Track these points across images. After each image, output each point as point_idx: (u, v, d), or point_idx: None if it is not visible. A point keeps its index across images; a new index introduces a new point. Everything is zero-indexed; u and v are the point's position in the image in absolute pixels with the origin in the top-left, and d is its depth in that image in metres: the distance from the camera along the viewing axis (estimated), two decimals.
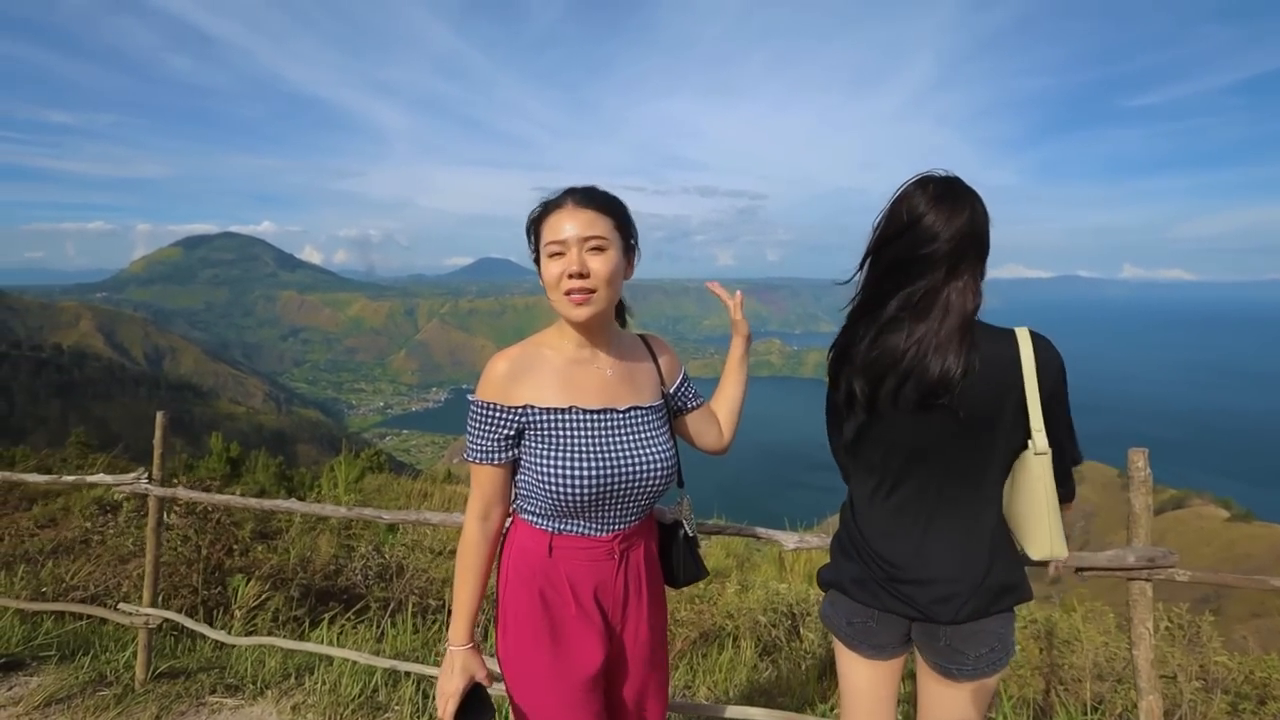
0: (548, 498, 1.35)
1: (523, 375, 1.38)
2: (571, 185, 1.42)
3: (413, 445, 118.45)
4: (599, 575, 1.40)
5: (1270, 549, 30.00)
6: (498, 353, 1.41)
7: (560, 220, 1.36)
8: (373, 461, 12.05)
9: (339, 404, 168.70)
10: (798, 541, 1.91)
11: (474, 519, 1.41)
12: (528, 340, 1.45)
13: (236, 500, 2.67)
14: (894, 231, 1.36)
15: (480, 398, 1.38)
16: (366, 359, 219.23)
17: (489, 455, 1.38)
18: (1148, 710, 1.65)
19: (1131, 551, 1.66)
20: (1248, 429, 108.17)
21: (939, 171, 1.39)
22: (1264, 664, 3.18)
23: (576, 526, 1.39)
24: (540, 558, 1.38)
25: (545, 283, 1.38)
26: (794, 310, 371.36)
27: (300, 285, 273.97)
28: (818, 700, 2.84)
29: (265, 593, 3.72)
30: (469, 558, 1.40)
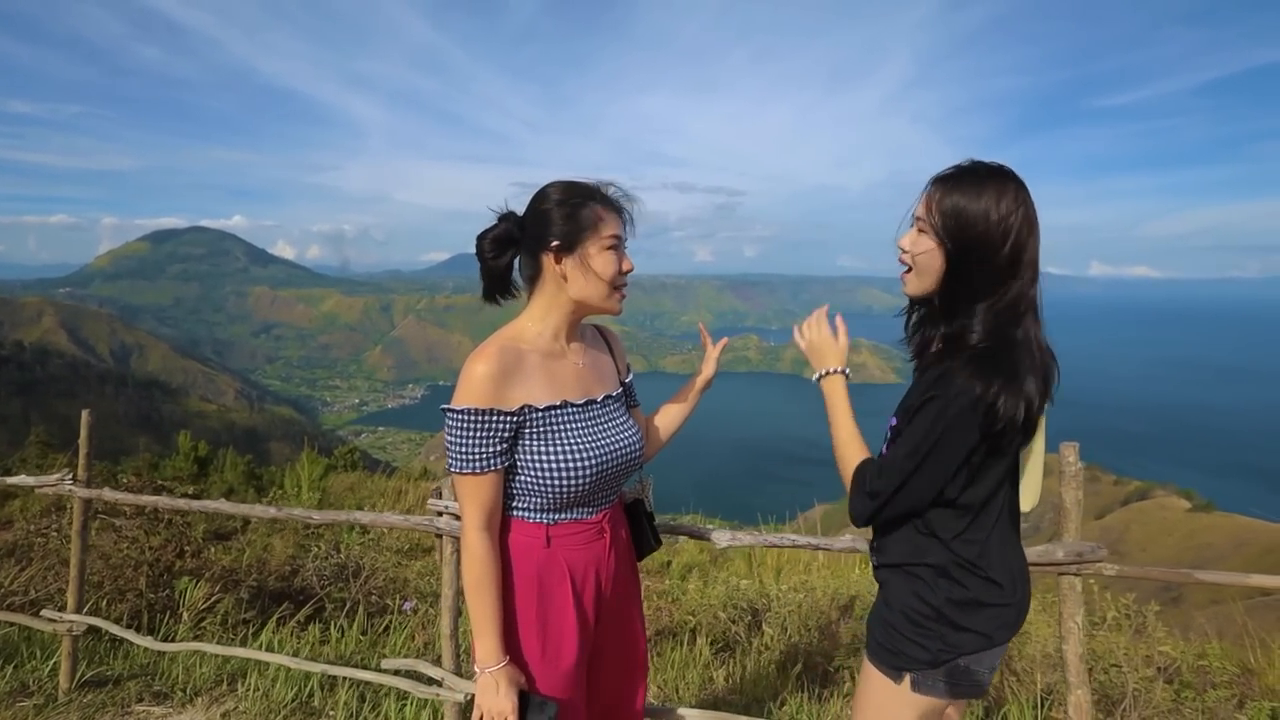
0: (549, 492, 1.38)
1: (512, 376, 1.36)
2: (599, 181, 1.45)
3: (389, 442, 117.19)
4: (594, 554, 1.46)
5: (1229, 538, 30.88)
6: (475, 355, 1.37)
7: (616, 217, 1.42)
8: (345, 459, 11.88)
9: (313, 401, 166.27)
10: (730, 539, 1.89)
11: (477, 531, 1.36)
12: (499, 337, 1.43)
13: (164, 501, 2.59)
14: (1030, 229, 1.26)
15: (471, 404, 1.33)
16: (341, 355, 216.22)
17: (487, 463, 1.34)
18: (1076, 704, 1.66)
19: (1061, 546, 1.67)
20: (1210, 422, 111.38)
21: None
22: (1207, 650, 3.24)
23: (572, 514, 1.44)
24: (538, 550, 1.41)
25: (601, 273, 1.39)
26: (771, 306, 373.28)
27: (273, 281, 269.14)
28: (768, 698, 2.84)
29: (215, 595, 3.63)
30: (483, 573, 1.35)
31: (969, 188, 1.26)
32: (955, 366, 1.23)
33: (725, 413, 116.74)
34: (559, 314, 1.45)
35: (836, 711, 2.81)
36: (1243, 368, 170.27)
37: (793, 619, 3.62)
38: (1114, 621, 3.32)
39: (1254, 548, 29.31)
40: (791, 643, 3.42)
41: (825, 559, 4.74)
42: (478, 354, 1.36)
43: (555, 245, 1.38)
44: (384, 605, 3.75)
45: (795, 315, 22.12)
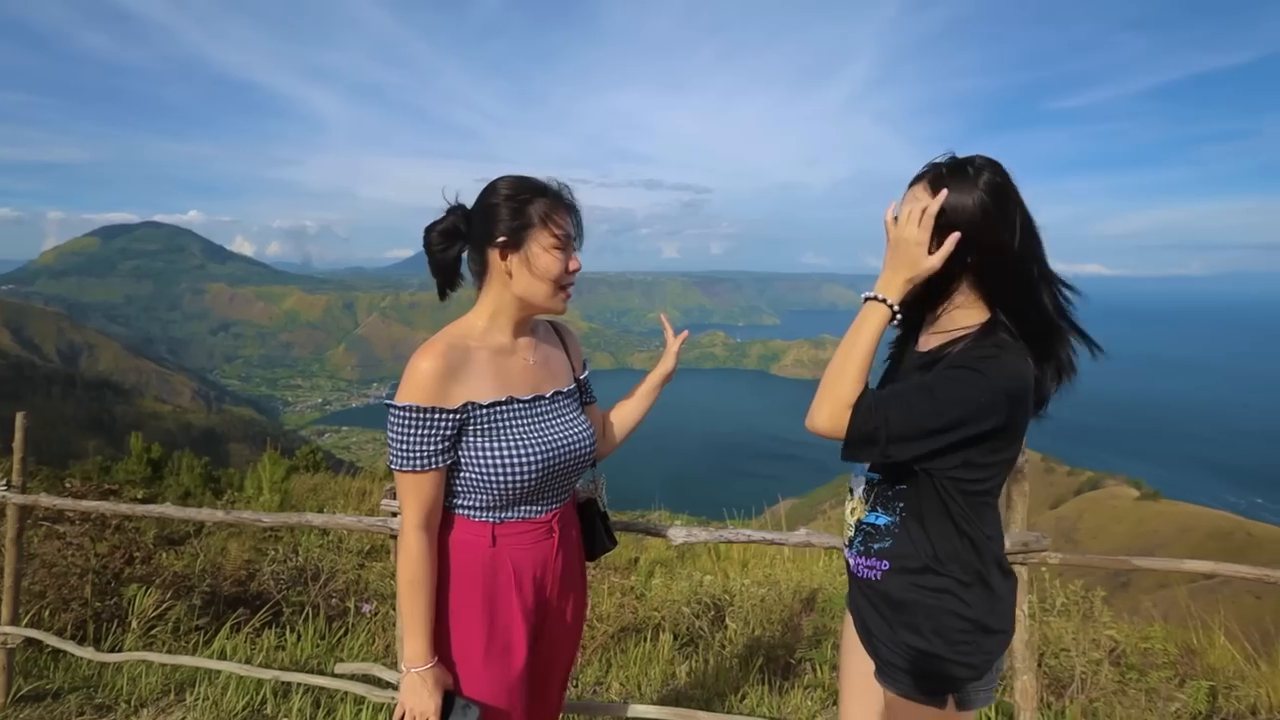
0: (493, 490, 1.37)
1: (457, 373, 1.34)
2: (543, 178, 1.42)
3: (353, 442, 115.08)
4: (541, 554, 1.44)
5: (1174, 525, 32.16)
6: (420, 351, 1.34)
7: (566, 214, 1.40)
8: (308, 460, 11.61)
9: (274, 401, 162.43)
10: (685, 536, 1.89)
11: (416, 530, 1.34)
12: (447, 334, 1.40)
13: (107, 506, 2.50)
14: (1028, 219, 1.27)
15: (413, 401, 1.31)
16: (303, 354, 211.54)
17: (429, 461, 1.33)
18: (1022, 689, 1.71)
19: (1008, 537, 1.71)
20: (1158, 415, 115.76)
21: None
22: (1149, 632, 3.37)
23: (519, 512, 1.42)
24: (483, 550, 1.39)
25: (545, 271, 1.37)
26: (738, 303, 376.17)
27: (231, 278, 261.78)
28: (729, 692, 2.87)
29: (167, 602, 3.52)
30: (418, 572, 1.33)
31: (957, 179, 1.26)
32: (999, 347, 1.23)
33: (692, 409, 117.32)
34: (506, 310, 1.43)
35: (797, 703, 2.85)
36: (1189, 362, 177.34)
37: (755, 613, 3.66)
38: (1063, 607, 3.42)
39: (1197, 533, 30.59)
40: (754, 636, 3.46)
41: (790, 553, 4.79)
42: (422, 350, 1.34)
43: (501, 241, 1.36)
44: (344, 608, 3.68)
45: (761, 312, 22.34)
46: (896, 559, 1.35)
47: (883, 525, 1.38)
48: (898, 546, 1.35)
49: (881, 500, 1.38)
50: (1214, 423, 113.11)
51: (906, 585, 1.33)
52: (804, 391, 20.68)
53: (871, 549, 1.40)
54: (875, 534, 1.39)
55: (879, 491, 1.39)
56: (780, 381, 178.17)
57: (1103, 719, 2.83)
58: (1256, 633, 4.00)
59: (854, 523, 1.45)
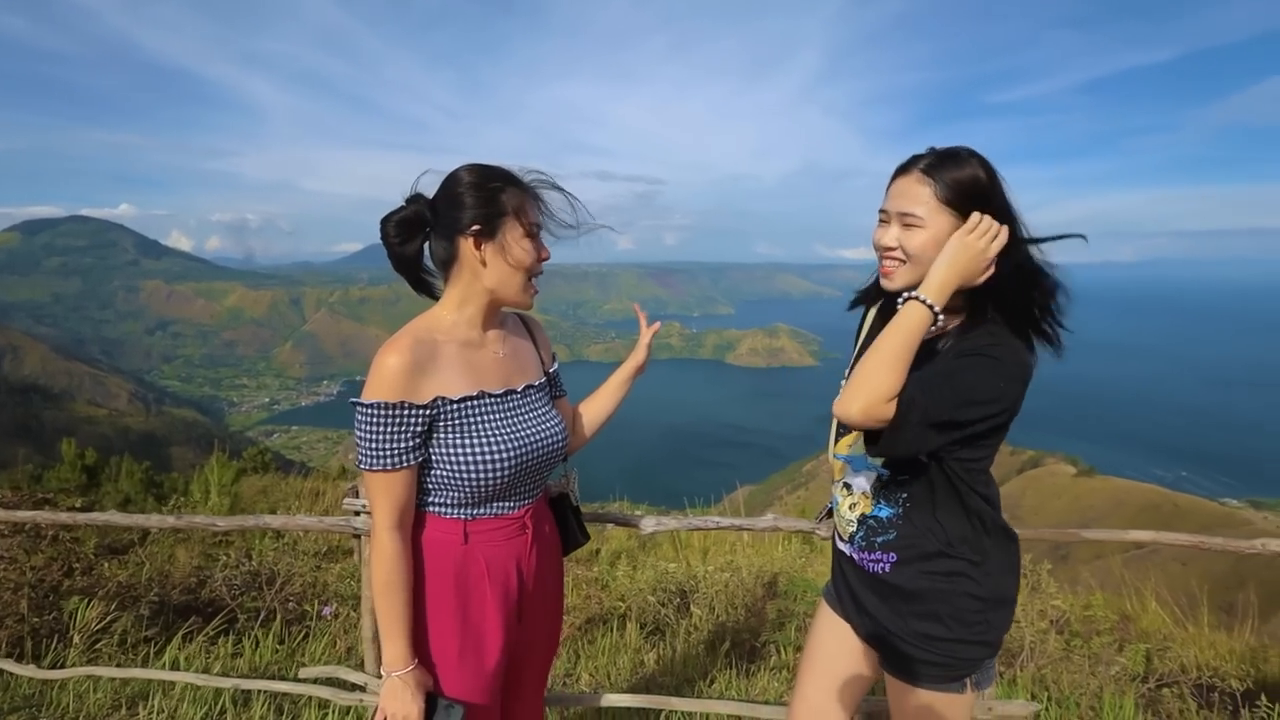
0: (465, 486, 1.34)
1: (425, 367, 1.30)
2: (522, 168, 1.39)
3: (303, 442, 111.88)
4: (515, 551, 1.42)
5: (1108, 499, 33.87)
6: (386, 346, 1.30)
7: (535, 204, 1.37)
8: (256, 461, 11.23)
9: (218, 402, 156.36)
10: (655, 525, 1.91)
11: (389, 531, 1.30)
12: (413, 328, 1.36)
13: (43, 516, 2.38)
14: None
15: (381, 398, 1.26)
16: (248, 352, 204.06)
17: (400, 459, 1.29)
18: None
19: None
20: (1092, 394, 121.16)
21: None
22: (1091, 601, 3.55)
23: (492, 509, 1.39)
24: (455, 548, 1.37)
25: (518, 261, 1.34)
26: (692, 293, 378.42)
27: (168, 274, 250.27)
28: (698, 677, 2.91)
29: (111, 614, 3.38)
30: (393, 574, 1.30)
31: (951, 162, 1.26)
32: (993, 335, 1.26)
33: (649, 400, 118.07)
34: (476, 302, 1.39)
35: (764, 685, 2.91)
36: (1118, 344, 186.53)
37: (720, 599, 3.72)
38: None
39: (1130, 506, 32.30)
40: (719, 622, 3.51)
41: (750, 539, 4.87)
42: (388, 345, 1.30)
43: (476, 229, 1.32)
44: (303, 612, 3.59)
45: (716, 302, 22.56)
46: (904, 549, 1.35)
47: (885, 518, 1.38)
48: (903, 538, 1.35)
49: (887, 492, 1.38)
50: (1142, 401, 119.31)
51: (917, 574, 1.34)
52: (758, 380, 21.13)
53: (875, 543, 1.39)
54: (879, 527, 1.38)
55: (885, 483, 1.38)
56: (736, 370, 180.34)
57: (1051, 685, 2.97)
58: (1184, 597, 4.27)
59: (855, 518, 1.43)
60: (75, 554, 3.99)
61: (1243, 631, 4.09)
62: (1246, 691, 3.02)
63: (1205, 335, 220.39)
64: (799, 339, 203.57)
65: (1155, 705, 2.92)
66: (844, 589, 1.51)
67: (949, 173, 1.25)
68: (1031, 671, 3.06)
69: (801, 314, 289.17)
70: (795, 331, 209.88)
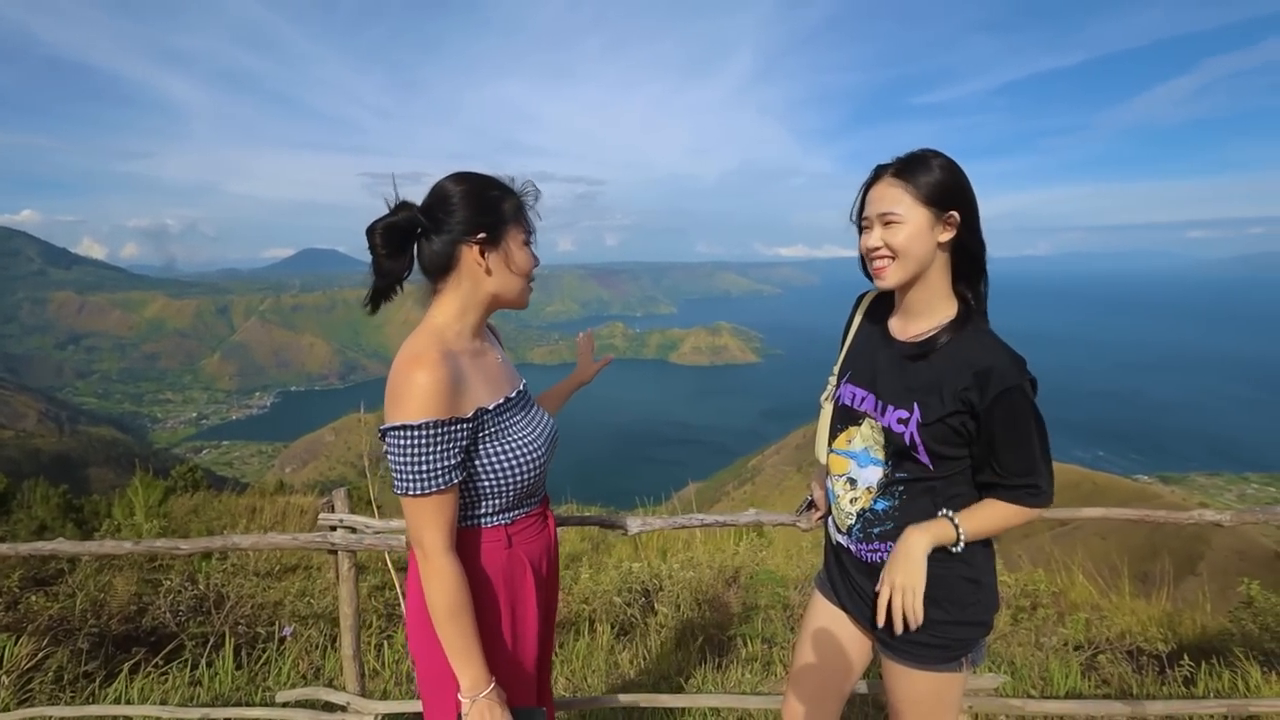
0: (509, 491, 1.36)
1: (459, 380, 1.28)
2: (505, 176, 1.41)
3: (235, 457, 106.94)
4: (545, 540, 1.48)
5: None
6: (411, 362, 1.23)
7: (528, 213, 1.41)
8: (186, 479, 10.64)
9: (140, 418, 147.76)
10: (640, 525, 1.93)
11: (446, 554, 1.26)
12: (431, 340, 1.31)
13: None
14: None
15: (430, 416, 1.22)
16: (172, 365, 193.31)
17: (449, 476, 1.26)
18: None
19: None
20: None
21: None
22: (1033, 578, 3.76)
23: (525, 508, 1.43)
24: (501, 554, 1.38)
25: (520, 268, 1.38)
26: (635, 293, 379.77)
27: (79, 285, 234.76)
28: (673, 674, 2.95)
29: (44, 649, 3.17)
30: (458, 598, 1.26)
31: (918, 164, 1.34)
32: (995, 345, 1.35)
33: (595, 400, 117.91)
34: (476, 310, 1.39)
35: (738, 678, 2.97)
36: (1040, 332, 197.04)
37: (685, 596, 3.76)
38: None
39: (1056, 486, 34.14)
40: (686, 618, 3.56)
41: (704, 535, 4.94)
42: (416, 361, 1.23)
43: (481, 237, 1.32)
44: (255, 635, 3.45)
45: (658, 302, 22.69)
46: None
47: (882, 510, 1.44)
48: (900, 528, 1.41)
49: (885, 487, 1.44)
50: (1059, 385, 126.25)
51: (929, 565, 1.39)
52: (702, 378, 21.35)
53: (872, 534, 1.45)
54: (875, 519, 1.45)
55: (889, 479, 1.43)
56: (680, 369, 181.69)
57: (1000, 658, 3.13)
58: (1106, 569, 4.57)
59: (855, 512, 1.48)
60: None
61: (1159, 598, 4.41)
62: (1171, 653, 3.26)
63: (1115, 323, 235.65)
64: (741, 336, 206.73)
65: (1093, 671, 3.12)
66: (840, 579, 1.57)
67: (920, 175, 1.34)
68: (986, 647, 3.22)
69: (743, 311, 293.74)
70: (737, 329, 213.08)
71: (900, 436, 1.38)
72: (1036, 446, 1.35)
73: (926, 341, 1.40)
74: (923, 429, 1.35)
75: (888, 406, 1.42)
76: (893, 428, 1.39)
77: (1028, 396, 1.33)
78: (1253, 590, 3.49)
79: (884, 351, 1.48)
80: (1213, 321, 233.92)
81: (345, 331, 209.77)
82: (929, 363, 1.38)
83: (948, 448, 1.36)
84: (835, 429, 1.55)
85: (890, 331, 1.49)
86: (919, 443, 1.36)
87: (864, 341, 1.55)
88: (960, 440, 1.36)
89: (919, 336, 1.42)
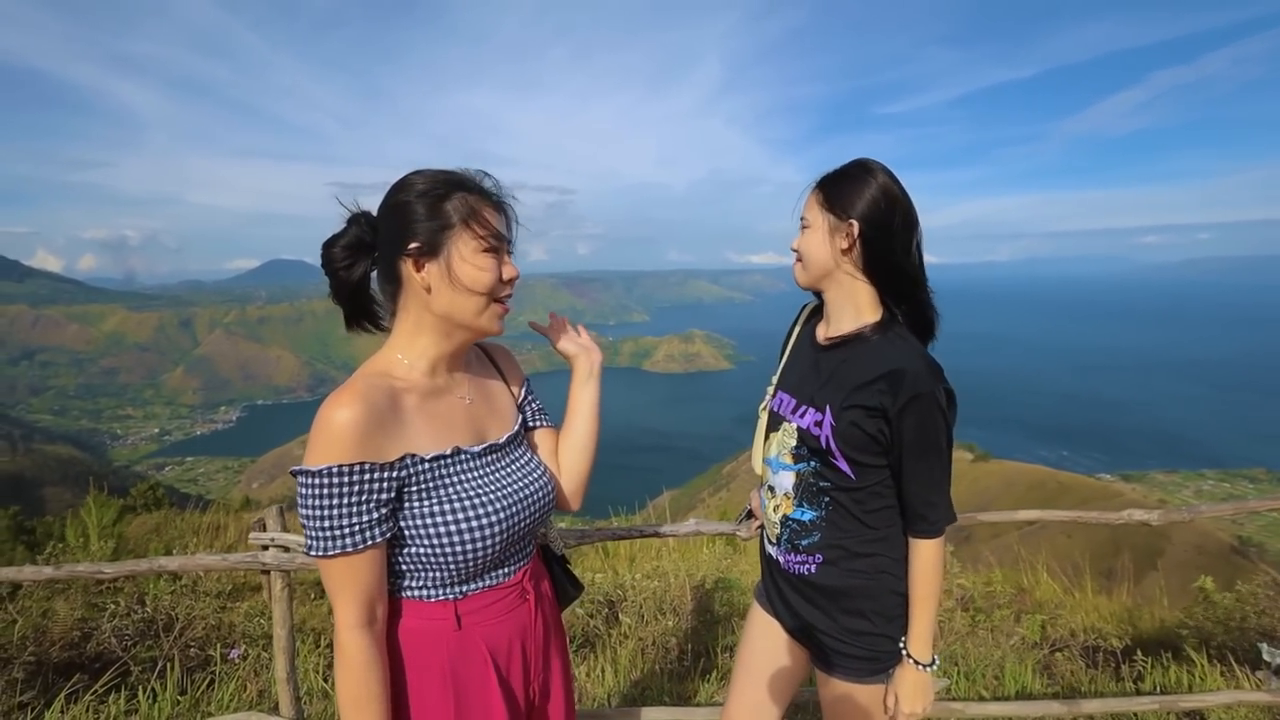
0: (451, 563, 1.10)
1: (387, 420, 1.06)
2: (474, 170, 1.16)
3: (200, 474, 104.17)
4: (518, 624, 1.20)
5: (1000, 480, 36.49)
6: (330, 400, 1.04)
7: (495, 212, 1.13)
8: (147, 498, 10.31)
9: (99, 435, 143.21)
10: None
11: (356, 630, 1.04)
12: (363, 374, 1.12)
13: None
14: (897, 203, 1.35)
15: (334, 460, 1.01)
16: (132, 380, 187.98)
17: (367, 535, 1.04)
18: None
19: None
20: (980, 384, 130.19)
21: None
22: (992, 579, 3.81)
23: (484, 581, 1.16)
24: (446, 636, 1.13)
25: (473, 282, 1.10)
26: (607, 302, 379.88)
27: (33, 298, 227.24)
28: (628, 686, 2.92)
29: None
30: (365, 686, 1.04)
31: (836, 172, 1.38)
32: (911, 350, 1.32)
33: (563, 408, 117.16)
34: (429, 337, 1.16)
35: (694, 687, 2.95)
36: (1002, 336, 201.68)
37: (649, 606, 3.74)
38: None
39: (1020, 486, 34.90)
40: (649, 629, 3.53)
41: (675, 543, 4.93)
42: (333, 397, 1.05)
43: (415, 247, 1.09)
44: (207, 658, 3.34)
45: (631, 310, 22.80)
46: (829, 550, 1.39)
47: (809, 520, 1.41)
48: (828, 539, 1.39)
49: (809, 495, 1.41)
50: (1022, 388, 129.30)
51: (844, 573, 1.38)
52: (676, 385, 21.47)
53: (799, 545, 1.43)
54: (801, 530, 1.42)
55: (807, 485, 1.41)
56: (653, 377, 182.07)
57: (959, 660, 3.17)
58: (1070, 566, 4.67)
59: (779, 519, 1.47)
60: None
61: (1120, 593, 4.51)
62: (1125, 648, 3.33)
63: (1073, 326, 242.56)
64: (714, 343, 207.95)
65: (1050, 669, 3.17)
66: (772, 589, 1.56)
67: (832, 184, 1.38)
68: (941, 648, 3.25)
69: (715, 319, 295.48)
70: (710, 336, 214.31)
71: (816, 439, 1.37)
72: (935, 467, 1.31)
73: (840, 341, 1.41)
74: (835, 431, 1.34)
75: (803, 407, 1.41)
76: (810, 430, 1.38)
77: (940, 407, 1.29)
78: (1207, 585, 3.60)
79: (809, 355, 1.49)
80: (1164, 324, 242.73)
81: (313, 343, 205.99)
82: (844, 364, 1.38)
83: (865, 455, 1.33)
84: (768, 437, 1.55)
85: (815, 336, 1.50)
86: (834, 448, 1.35)
87: (797, 348, 1.56)
88: (878, 447, 1.33)
89: (835, 338, 1.43)
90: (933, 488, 1.32)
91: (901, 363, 1.30)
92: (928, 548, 1.33)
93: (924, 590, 1.34)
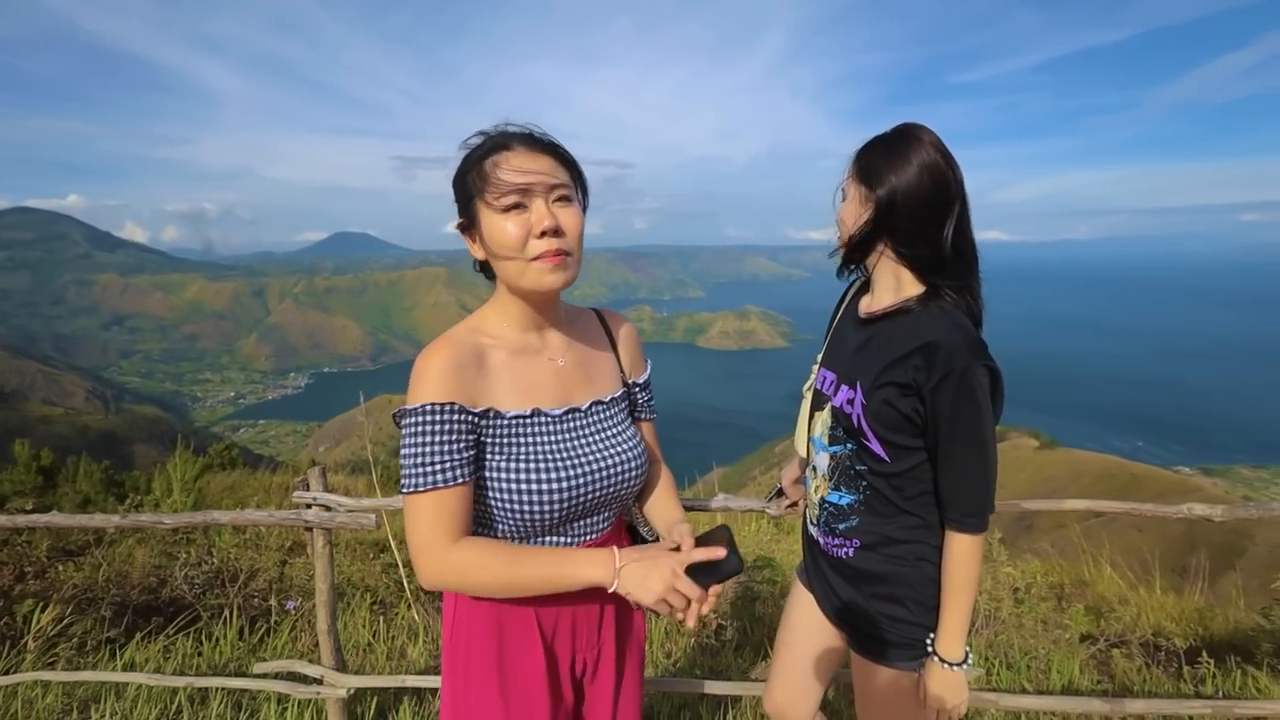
0: (512, 519, 1.13)
1: (473, 372, 1.10)
2: (497, 126, 1.13)
3: (271, 436, 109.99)
4: (572, 593, 1.14)
5: (1068, 470, 34.94)
6: (428, 348, 1.10)
7: (518, 163, 1.07)
8: (223, 457, 10.97)
9: (181, 397, 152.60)
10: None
11: (454, 548, 1.07)
12: (460, 328, 1.17)
13: None
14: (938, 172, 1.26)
15: (433, 400, 1.06)
16: (210, 346, 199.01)
17: (459, 472, 1.06)
18: None
19: None
20: (1052, 369, 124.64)
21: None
22: (1035, 570, 3.68)
23: (554, 537, 1.18)
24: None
25: (499, 247, 1.08)
26: (663, 277, 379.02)
27: (122, 267, 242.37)
28: (662, 658, 2.95)
29: (69, 617, 3.31)
30: (494, 565, 1.06)
31: (874, 142, 1.31)
32: (952, 323, 1.23)
33: None
34: (507, 297, 1.17)
35: (727, 661, 2.96)
36: (1076, 319, 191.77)
37: None
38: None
39: (1089, 477, 33.36)
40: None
41: (719, 520, 4.93)
42: (429, 347, 1.11)
43: (461, 223, 1.15)
44: (267, 608, 3.55)
45: (686, 285, 22.67)
46: (867, 535, 1.35)
47: (846, 505, 1.37)
48: (866, 524, 1.35)
49: (846, 478, 1.37)
50: (1100, 375, 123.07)
51: (883, 559, 1.34)
52: (730, 362, 21.31)
53: (836, 528, 1.40)
54: (839, 514, 1.38)
55: (844, 468, 1.37)
56: (708, 353, 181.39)
57: (1004, 649, 3.08)
58: (1138, 563, 4.45)
59: (818, 500, 1.44)
60: (28, 557, 3.89)
61: (1192, 593, 4.28)
62: (1191, 649, 3.16)
63: (1157, 309, 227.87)
64: (770, 321, 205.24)
65: (1105, 664, 3.05)
66: (813, 569, 1.54)
67: (868, 151, 1.32)
68: (987, 637, 3.16)
69: (771, 296, 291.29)
70: (766, 313, 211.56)
71: (849, 418, 1.32)
72: (970, 455, 1.22)
73: (881, 315, 1.34)
74: (866, 410, 1.28)
75: (841, 385, 1.36)
76: (844, 408, 1.33)
77: (978, 386, 1.19)
78: None
79: (851, 331, 1.43)
80: (1261, 308, 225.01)
81: (376, 314, 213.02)
82: (881, 338, 1.31)
83: (900, 436, 1.27)
84: (812, 416, 1.50)
85: (858, 311, 1.43)
86: (866, 428, 1.29)
87: (841, 325, 1.50)
88: (913, 428, 1.25)
89: (876, 312, 1.35)
90: (967, 477, 1.23)
91: (938, 335, 1.21)
92: (961, 541, 1.25)
93: (954, 585, 1.27)
